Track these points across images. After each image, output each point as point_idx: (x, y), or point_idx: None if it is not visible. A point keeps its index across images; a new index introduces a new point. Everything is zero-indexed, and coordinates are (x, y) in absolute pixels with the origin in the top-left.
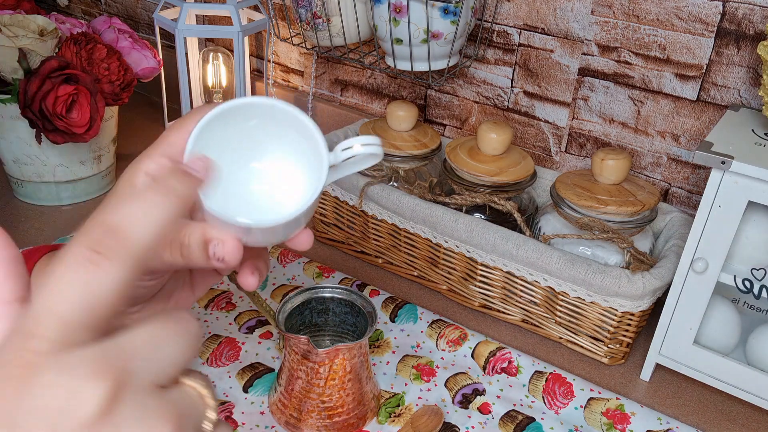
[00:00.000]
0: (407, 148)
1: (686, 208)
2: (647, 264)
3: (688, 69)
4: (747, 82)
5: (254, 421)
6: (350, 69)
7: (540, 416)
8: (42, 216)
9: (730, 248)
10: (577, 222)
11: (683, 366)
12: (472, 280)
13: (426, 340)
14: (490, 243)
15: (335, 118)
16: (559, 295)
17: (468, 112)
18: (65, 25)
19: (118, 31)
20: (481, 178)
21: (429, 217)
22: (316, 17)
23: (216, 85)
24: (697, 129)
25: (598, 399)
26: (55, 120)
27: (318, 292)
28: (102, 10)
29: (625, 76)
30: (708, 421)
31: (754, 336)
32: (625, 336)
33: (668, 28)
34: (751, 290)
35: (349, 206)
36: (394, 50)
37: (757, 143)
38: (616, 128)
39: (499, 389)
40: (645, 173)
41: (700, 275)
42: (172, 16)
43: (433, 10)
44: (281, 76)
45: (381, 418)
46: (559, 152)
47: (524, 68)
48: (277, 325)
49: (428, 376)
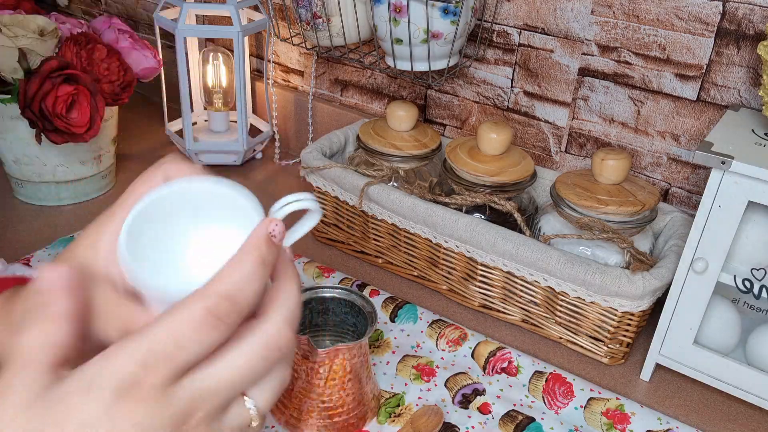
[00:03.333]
0: (407, 148)
1: (686, 208)
2: (647, 264)
3: (688, 69)
4: (747, 82)
5: None
6: (350, 69)
7: (540, 416)
8: (42, 216)
9: (730, 248)
10: (577, 222)
11: (683, 366)
12: (472, 280)
13: (426, 340)
14: (490, 243)
15: (335, 118)
16: (559, 295)
17: (468, 112)
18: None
19: (118, 31)
20: (481, 178)
21: (429, 217)
22: (316, 17)
23: (216, 85)
24: (697, 129)
25: (598, 399)
26: (55, 120)
27: (318, 292)
28: (102, 10)
29: (625, 76)
30: (708, 421)
31: (754, 336)
32: (625, 336)
33: (668, 28)
34: (751, 290)
35: (349, 206)
36: (394, 50)
37: (757, 143)
38: (616, 128)
39: (499, 389)
40: (645, 173)
41: (700, 275)
42: (172, 16)
43: (433, 10)
44: (281, 76)
45: (381, 418)
46: (559, 152)
47: (524, 68)
48: None
49: (428, 376)
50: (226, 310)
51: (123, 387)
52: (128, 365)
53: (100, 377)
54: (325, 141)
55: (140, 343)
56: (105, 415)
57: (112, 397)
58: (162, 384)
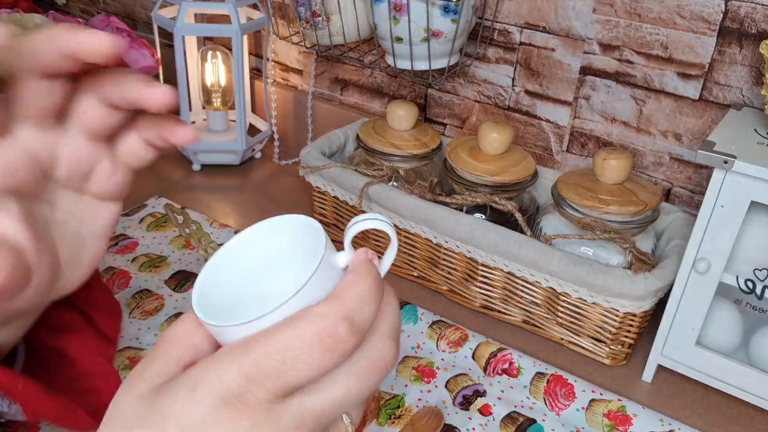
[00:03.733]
0: (407, 147)
1: (688, 208)
2: (649, 264)
3: (691, 68)
4: (749, 81)
5: None
6: (350, 68)
7: (541, 418)
8: None
9: (733, 249)
10: (578, 222)
11: (685, 367)
12: (472, 281)
13: (426, 341)
14: (491, 243)
15: (335, 118)
16: (561, 296)
17: (469, 111)
18: None
19: (116, 30)
20: (482, 177)
21: (429, 217)
22: (315, 16)
23: (215, 84)
24: (700, 128)
25: (599, 400)
26: None
27: None
28: (100, 9)
29: (627, 75)
30: (710, 422)
31: (756, 337)
32: (627, 337)
33: (670, 26)
34: (753, 291)
35: (349, 206)
36: (394, 49)
37: (759, 143)
38: (617, 127)
39: (500, 390)
40: (647, 173)
41: (702, 276)
42: (170, 14)
43: (434, 9)
44: (280, 75)
45: (381, 419)
46: (560, 152)
47: (525, 67)
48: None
49: (428, 378)
50: (344, 334)
51: (228, 396)
52: (234, 375)
53: (205, 382)
54: (325, 140)
55: (248, 356)
56: (208, 421)
57: (216, 404)
58: (268, 400)
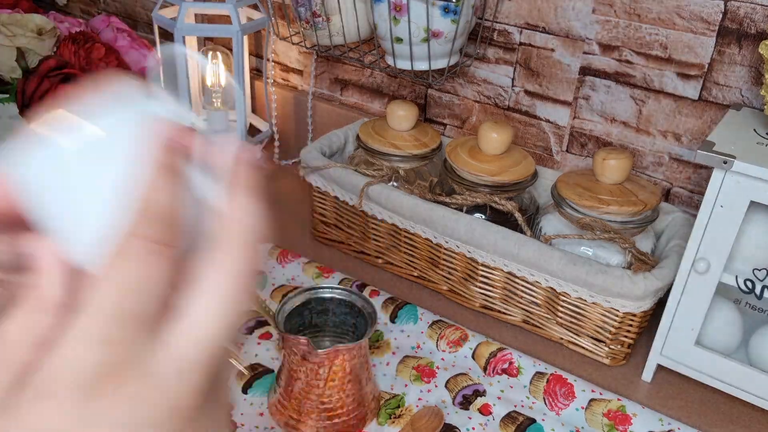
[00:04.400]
0: (407, 147)
1: (688, 208)
2: (649, 264)
3: (690, 68)
4: (749, 82)
5: (253, 423)
6: (350, 68)
7: (541, 417)
8: None
9: (732, 248)
10: (578, 222)
11: (685, 367)
12: (472, 281)
13: (426, 340)
14: (491, 243)
15: (335, 118)
16: (560, 296)
17: (468, 111)
18: (63, 24)
19: (116, 30)
20: (482, 177)
21: (429, 217)
22: (315, 16)
23: (215, 84)
24: (699, 128)
25: (599, 400)
26: None
27: (318, 293)
28: (100, 9)
29: (627, 76)
30: (710, 422)
31: (756, 337)
32: (627, 337)
33: (670, 27)
34: (753, 291)
35: (349, 206)
36: (394, 49)
37: (759, 143)
38: (617, 128)
39: (499, 390)
40: (646, 173)
41: (701, 276)
42: (171, 14)
43: (434, 9)
44: (281, 75)
45: (381, 419)
46: (560, 152)
47: (525, 67)
48: (276, 325)
49: (428, 377)
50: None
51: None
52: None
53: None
54: (325, 140)
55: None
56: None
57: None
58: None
